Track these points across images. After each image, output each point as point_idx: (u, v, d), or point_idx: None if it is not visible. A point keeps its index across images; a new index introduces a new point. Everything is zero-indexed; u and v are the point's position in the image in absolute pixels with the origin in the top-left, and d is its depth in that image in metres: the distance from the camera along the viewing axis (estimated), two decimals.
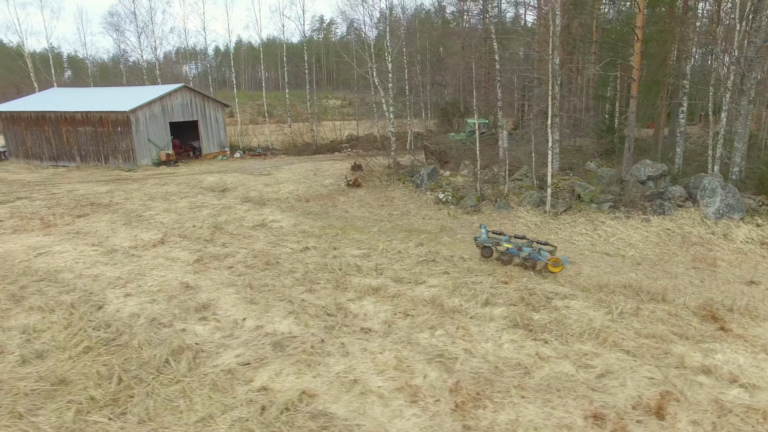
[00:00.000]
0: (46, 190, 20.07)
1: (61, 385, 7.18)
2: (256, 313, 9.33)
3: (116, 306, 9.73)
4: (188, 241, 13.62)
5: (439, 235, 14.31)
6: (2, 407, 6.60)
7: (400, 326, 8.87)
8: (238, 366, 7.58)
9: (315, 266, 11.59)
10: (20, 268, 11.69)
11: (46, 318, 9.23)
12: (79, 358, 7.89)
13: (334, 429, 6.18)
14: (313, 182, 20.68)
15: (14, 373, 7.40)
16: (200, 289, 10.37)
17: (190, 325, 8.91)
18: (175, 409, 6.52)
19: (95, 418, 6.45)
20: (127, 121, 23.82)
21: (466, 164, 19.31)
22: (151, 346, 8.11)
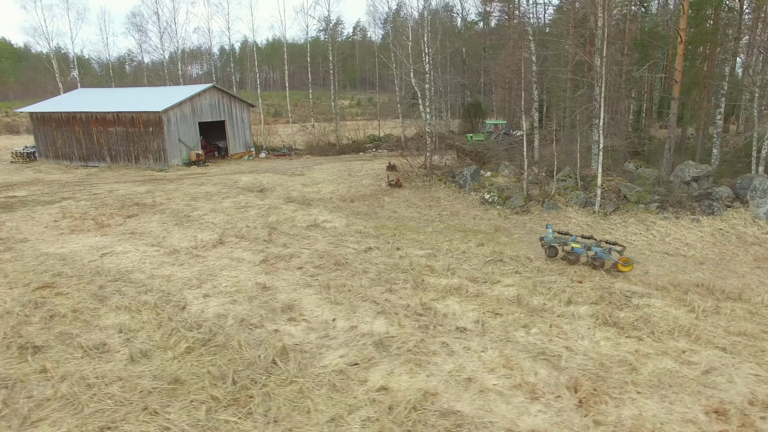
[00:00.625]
0: (86, 191, 20.03)
1: (177, 384, 7.21)
2: (343, 313, 9.37)
3: (199, 306, 9.75)
4: (247, 242, 13.65)
5: (496, 236, 14.40)
6: (133, 403, 6.64)
7: (493, 325, 8.94)
8: (347, 366, 7.62)
9: (385, 267, 11.64)
10: (91, 268, 11.69)
11: (136, 318, 9.26)
12: (184, 358, 7.91)
13: (468, 426, 6.24)
14: (350, 182, 20.73)
15: (129, 371, 7.42)
16: (278, 290, 10.40)
17: (281, 326, 8.94)
18: (301, 410, 6.56)
19: (225, 417, 6.49)
20: (159, 121, 23.80)
21: (506, 165, 19.41)
22: (252, 346, 8.15)
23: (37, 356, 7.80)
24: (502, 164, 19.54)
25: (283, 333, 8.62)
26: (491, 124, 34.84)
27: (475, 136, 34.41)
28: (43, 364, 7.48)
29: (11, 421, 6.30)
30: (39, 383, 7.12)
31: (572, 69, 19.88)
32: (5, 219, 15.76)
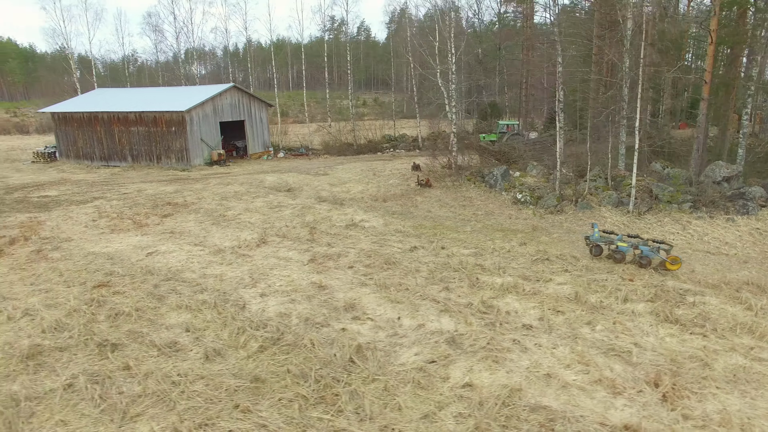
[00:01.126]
0: (115, 190, 20.05)
1: (258, 382, 7.26)
2: (406, 312, 9.44)
3: (258, 306, 9.80)
4: (290, 241, 13.70)
5: (535, 235, 14.49)
6: (222, 401, 6.70)
7: (558, 322, 9.03)
8: (425, 364, 7.70)
9: (435, 266, 11.71)
10: (140, 267, 11.73)
11: (198, 317, 9.30)
12: (258, 357, 7.95)
13: (560, 421, 6.32)
14: (377, 182, 20.80)
15: (207, 369, 7.48)
16: (334, 289, 10.46)
17: (348, 325, 8.99)
18: (392, 407, 6.63)
19: (316, 415, 6.56)
20: (182, 121, 23.82)
21: (534, 165, 19.53)
22: (324, 345, 8.22)
23: (116, 353, 7.87)
24: (530, 164, 19.66)
25: (352, 332, 8.67)
26: (504, 125, 35.00)
27: (488, 136, 34.56)
28: (125, 362, 7.53)
29: (113, 415, 6.36)
30: (125, 380, 7.20)
31: (598, 70, 20.03)
32: (45, 218, 15.79)
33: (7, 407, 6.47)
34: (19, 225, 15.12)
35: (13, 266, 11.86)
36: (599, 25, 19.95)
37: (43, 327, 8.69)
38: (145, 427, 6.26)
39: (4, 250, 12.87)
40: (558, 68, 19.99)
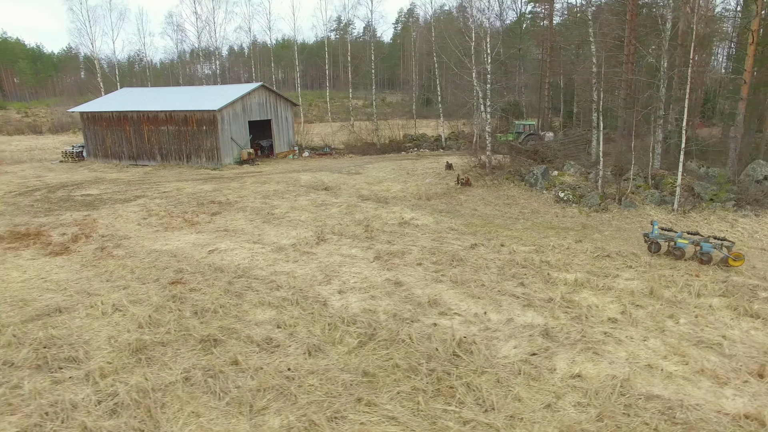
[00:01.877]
0: (154, 189, 20.10)
1: (370, 377, 7.37)
2: (489, 307, 9.57)
3: (339, 302, 9.88)
4: (348, 239, 13.81)
5: (587, 233, 14.66)
6: (342, 395, 6.80)
7: (640, 316, 9.18)
8: (527, 356, 7.86)
9: (502, 262, 11.84)
10: (207, 264, 11.81)
11: (284, 313, 9.39)
12: (359, 352, 8.04)
13: (678, 409, 6.46)
14: (414, 181, 20.91)
15: (314, 364, 7.56)
16: (410, 286, 10.55)
17: (437, 320, 9.08)
18: (512, 397, 6.76)
19: (439, 407, 6.68)
20: (213, 120, 23.87)
21: (572, 164, 19.74)
22: (422, 340, 8.35)
23: (218, 349, 7.98)
24: (567, 163, 19.85)
25: (444, 327, 8.80)
26: (521, 125, 35.15)
27: (504, 135, 34.69)
28: (232, 357, 7.62)
29: (240, 408, 6.47)
30: (237, 374, 7.31)
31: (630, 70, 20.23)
32: (96, 216, 15.84)
33: (142, 397, 6.60)
34: (75, 223, 15.17)
35: (84, 263, 11.93)
36: (631, 25, 20.17)
37: (139, 322, 8.78)
38: (274, 420, 6.37)
39: (70, 247, 12.95)
40: (593, 68, 20.26)
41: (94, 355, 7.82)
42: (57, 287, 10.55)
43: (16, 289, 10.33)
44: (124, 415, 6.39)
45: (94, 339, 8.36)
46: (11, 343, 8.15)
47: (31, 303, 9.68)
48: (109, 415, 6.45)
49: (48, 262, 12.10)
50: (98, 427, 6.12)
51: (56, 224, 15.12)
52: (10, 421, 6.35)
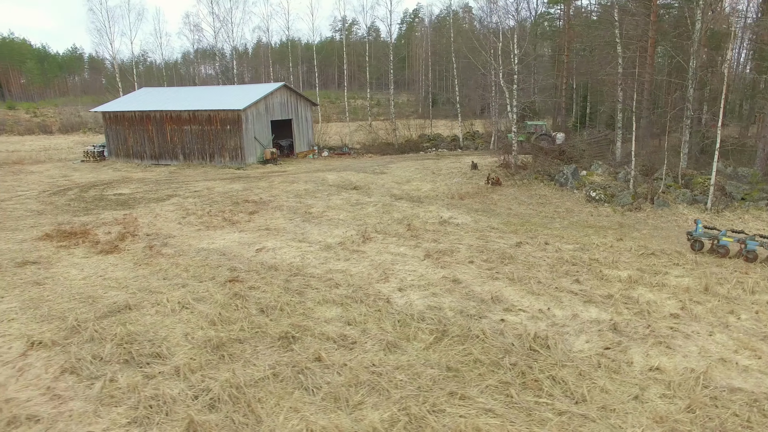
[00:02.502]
0: (184, 188, 20.17)
1: (454, 371, 7.50)
2: (552, 303, 9.72)
3: (403, 300, 9.97)
4: (393, 237, 13.92)
5: (625, 231, 14.82)
6: (433, 389, 6.93)
7: (700, 312, 9.32)
8: (602, 350, 8.02)
9: (551, 260, 11.96)
10: (258, 262, 11.92)
11: (350, 310, 9.50)
12: (435, 347, 8.14)
13: (765, 401, 6.67)
14: (442, 181, 21.05)
15: (395, 360, 7.67)
16: (468, 283, 10.64)
17: (504, 315, 9.21)
18: (600, 390, 6.91)
19: (531, 399, 6.81)
20: (237, 119, 23.94)
21: (599, 164, 19.94)
22: (495, 335, 8.49)
23: (298, 346, 8.10)
24: (594, 163, 20.06)
25: (512, 322, 8.95)
26: (532, 125, 35.23)
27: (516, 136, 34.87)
28: (315, 353, 7.73)
29: (338, 403, 6.59)
30: (323, 370, 7.41)
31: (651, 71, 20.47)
32: (136, 215, 15.91)
33: (237, 392, 6.71)
34: (116, 222, 15.24)
35: (137, 261, 12.02)
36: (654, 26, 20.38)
37: (211, 319, 8.88)
38: (373, 414, 6.49)
39: (119, 246, 13.02)
40: (618, 69, 20.48)
41: (176, 352, 7.92)
42: (118, 285, 10.65)
43: (80, 287, 10.42)
44: (223, 410, 6.50)
45: (171, 335, 8.47)
46: (94, 338, 8.26)
47: (99, 300, 9.77)
48: (208, 409, 6.57)
49: (101, 260, 12.19)
50: (204, 421, 6.23)
51: (98, 223, 15.19)
52: (118, 413, 6.47)
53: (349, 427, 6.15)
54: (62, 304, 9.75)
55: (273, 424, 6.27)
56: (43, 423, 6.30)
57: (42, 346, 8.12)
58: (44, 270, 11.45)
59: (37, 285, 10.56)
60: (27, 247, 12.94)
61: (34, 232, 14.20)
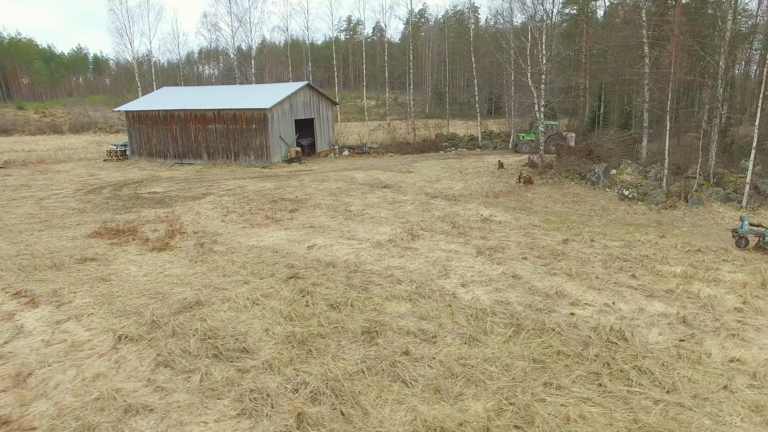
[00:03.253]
0: (216, 187, 20.26)
1: (540, 363, 7.67)
2: (615, 297, 9.88)
3: (467, 295, 10.09)
4: (440, 234, 14.07)
5: (664, 229, 15.02)
6: (526, 380, 7.09)
7: (762, 306, 9.54)
8: (677, 342, 8.21)
9: (602, 256, 12.14)
10: (313, 259, 12.04)
11: (419, 306, 9.62)
12: (515, 340, 8.27)
13: None
14: (471, 180, 21.26)
15: (479, 353, 7.79)
16: (528, 279, 10.80)
17: (572, 309, 9.43)
18: (688, 380, 7.10)
19: (623, 388, 6.99)
20: (264, 118, 24.03)
21: (629, 163, 20.19)
22: (569, 328, 8.64)
23: (381, 339, 8.23)
24: (623, 162, 20.32)
25: (583, 316, 9.12)
26: (544, 124, 35.29)
27: (527, 135, 35.08)
28: (402, 347, 7.89)
29: (440, 395, 6.73)
30: (412, 364, 7.56)
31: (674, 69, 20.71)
32: (179, 213, 15.99)
33: (339, 386, 6.84)
34: (159, 219, 15.34)
35: (191, 259, 12.12)
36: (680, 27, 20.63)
37: (286, 315, 9.02)
38: (476, 404, 6.64)
39: (170, 243, 13.12)
40: (645, 68, 20.73)
41: (261, 347, 8.05)
42: (180, 281, 10.75)
43: (145, 283, 10.53)
44: (327, 402, 6.63)
45: (251, 331, 8.59)
46: (176, 333, 8.38)
47: (168, 296, 9.89)
48: (311, 402, 6.71)
49: (156, 257, 12.29)
50: (312, 413, 6.37)
51: (142, 221, 15.28)
52: (224, 404, 6.59)
53: (458, 417, 6.31)
54: (133, 299, 9.88)
55: (380, 415, 6.41)
56: (157, 413, 6.44)
57: (129, 340, 8.24)
58: (104, 267, 11.56)
59: (103, 281, 10.68)
60: (80, 245, 13.04)
61: (82, 230, 14.30)
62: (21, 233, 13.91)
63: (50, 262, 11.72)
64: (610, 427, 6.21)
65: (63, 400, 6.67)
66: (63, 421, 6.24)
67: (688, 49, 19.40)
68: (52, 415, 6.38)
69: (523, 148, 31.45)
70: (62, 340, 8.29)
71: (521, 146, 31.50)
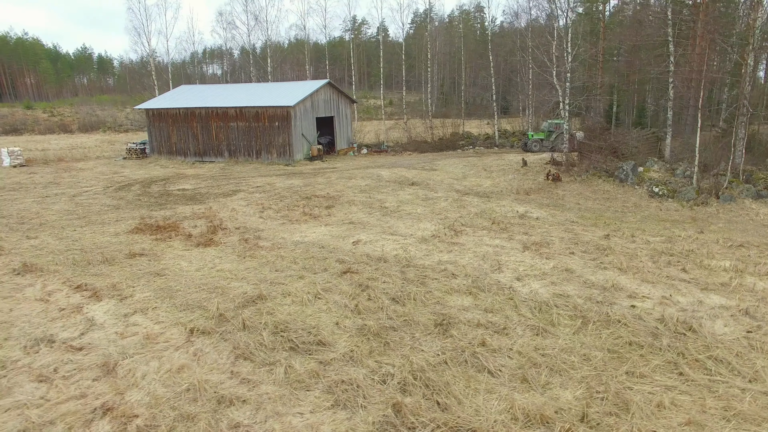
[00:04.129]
0: (244, 184, 20.28)
1: (614, 353, 7.76)
2: (671, 290, 9.98)
3: (525, 288, 10.13)
4: (482, 230, 14.12)
5: (702, 225, 15.08)
6: (606, 369, 7.15)
7: None
8: (745, 333, 8.32)
9: (647, 251, 12.27)
10: (361, 254, 12.07)
11: (481, 299, 9.66)
12: (584, 331, 8.35)
13: None
14: (498, 177, 21.36)
15: (550, 344, 7.87)
16: (580, 272, 10.86)
17: (631, 302, 9.47)
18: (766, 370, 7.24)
19: (701, 377, 7.10)
20: (287, 116, 24.03)
21: (655, 160, 20.35)
22: (636, 320, 8.72)
23: (454, 331, 8.30)
24: (649, 159, 20.48)
25: (645, 308, 9.21)
26: (552, 124, 34.59)
27: (535, 134, 35.01)
28: (479, 339, 7.94)
29: (528, 384, 6.80)
30: (491, 354, 7.63)
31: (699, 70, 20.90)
32: (215, 209, 16.01)
33: (425, 376, 6.91)
34: (196, 216, 15.35)
35: (239, 254, 12.16)
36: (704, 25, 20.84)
37: (353, 308, 9.07)
38: (565, 392, 6.71)
39: (213, 239, 13.15)
40: (670, 67, 20.91)
41: (336, 339, 8.10)
42: (234, 276, 10.79)
43: (200, 278, 10.56)
44: (417, 393, 6.68)
45: (321, 324, 8.63)
46: (246, 327, 8.42)
47: (227, 291, 9.92)
48: (401, 393, 6.77)
49: (203, 252, 12.31)
50: (408, 403, 6.43)
51: (180, 217, 15.29)
52: (315, 396, 6.64)
53: (552, 405, 6.38)
54: (193, 294, 9.91)
55: (474, 404, 6.47)
56: (251, 404, 6.48)
57: (201, 333, 8.28)
58: (155, 262, 11.58)
59: (158, 276, 10.71)
60: (125, 240, 13.06)
61: (122, 226, 14.31)
62: (64, 229, 13.92)
63: (101, 257, 11.75)
64: (704, 414, 6.31)
65: (155, 390, 6.72)
66: (161, 410, 6.29)
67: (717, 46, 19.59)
68: (148, 404, 6.43)
69: (533, 147, 31.76)
70: (134, 333, 8.34)
71: (531, 145, 31.79)
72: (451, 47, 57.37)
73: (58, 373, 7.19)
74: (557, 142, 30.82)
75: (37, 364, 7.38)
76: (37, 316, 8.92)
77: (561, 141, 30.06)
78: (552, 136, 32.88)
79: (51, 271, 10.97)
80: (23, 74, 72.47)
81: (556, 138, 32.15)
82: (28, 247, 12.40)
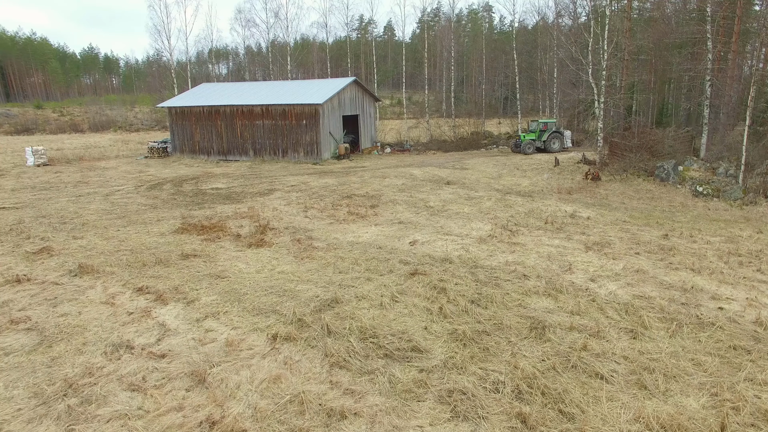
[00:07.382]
0: (278, 183, 19.91)
1: (721, 358, 7.46)
2: (753, 292, 9.65)
3: (603, 290, 9.77)
4: (538, 230, 13.77)
5: (758, 225, 14.77)
6: (720, 373, 6.80)
7: None
8: None
9: (715, 251, 11.98)
10: (422, 255, 11.73)
11: (562, 301, 9.29)
12: (680, 334, 8.06)
13: None
14: (534, 177, 21.07)
15: (654, 348, 7.52)
16: (653, 273, 10.53)
17: (717, 304, 9.22)
18: None
19: None
20: (315, 114, 23.64)
21: (694, 159, 20.09)
22: (729, 323, 8.41)
23: (551, 335, 7.96)
24: (688, 158, 20.22)
25: (734, 310, 8.90)
26: (542, 123, 33.07)
27: (527, 135, 33.66)
28: (581, 343, 7.59)
29: (647, 391, 6.46)
30: (597, 359, 7.29)
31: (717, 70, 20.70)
32: (257, 208, 15.63)
33: (539, 384, 6.57)
34: (240, 215, 14.96)
35: (295, 255, 11.79)
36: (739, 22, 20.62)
37: (437, 312, 8.73)
38: (689, 400, 6.33)
39: (265, 239, 12.78)
40: (708, 65, 20.65)
41: (430, 345, 7.74)
42: (298, 279, 10.43)
43: (264, 281, 10.20)
44: (535, 402, 6.34)
45: (409, 329, 8.25)
46: (331, 332, 8.06)
47: (297, 294, 9.56)
48: (518, 401, 6.43)
49: (257, 253, 11.95)
50: (530, 413, 6.08)
51: (222, 217, 14.91)
52: (429, 407, 6.27)
53: (683, 414, 6.06)
54: (261, 297, 9.54)
55: (600, 412, 6.13)
56: (364, 417, 6.10)
57: (285, 340, 7.91)
58: (210, 263, 11.21)
59: (219, 278, 10.33)
60: (172, 240, 12.68)
61: (165, 226, 13.93)
62: (107, 229, 13.52)
63: (153, 258, 11.36)
64: None
65: (256, 402, 6.33)
66: (268, 423, 5.92)
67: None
68: (253, 416, 6.06)
69: (526, 149, 30.63)
70: (213, 339, 7.95)
71: (524, 147, 30.64)
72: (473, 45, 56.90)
73: (147, 381, 6.82)
74: (549, 142, 29.84)
75: (123, 371, 7.00)
76: (107, 320, 8.55)
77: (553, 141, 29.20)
78: (543, 136, 32.00)
79: (107, 272, 10.59)
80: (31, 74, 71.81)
81: (549, 138, 31.04)
82: (77, 248, 12.00)
